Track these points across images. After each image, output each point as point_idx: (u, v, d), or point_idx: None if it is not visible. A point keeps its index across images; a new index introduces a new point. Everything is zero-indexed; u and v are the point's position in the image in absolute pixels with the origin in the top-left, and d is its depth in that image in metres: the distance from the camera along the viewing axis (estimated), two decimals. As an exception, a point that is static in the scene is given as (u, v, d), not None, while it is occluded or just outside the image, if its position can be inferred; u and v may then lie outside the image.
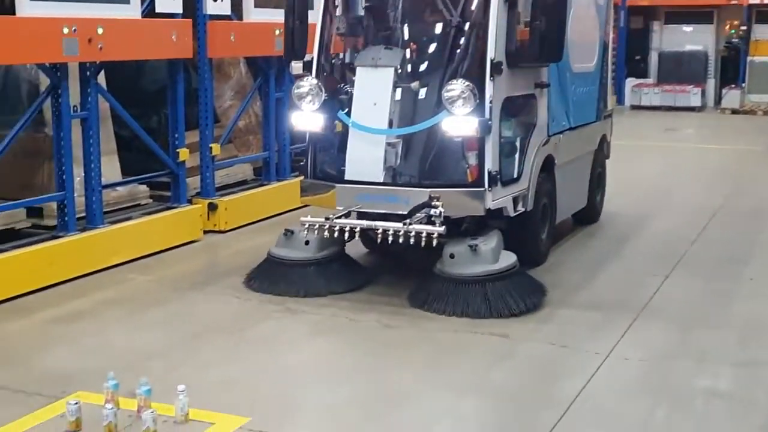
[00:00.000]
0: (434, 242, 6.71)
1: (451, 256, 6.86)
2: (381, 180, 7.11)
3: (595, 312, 7.02)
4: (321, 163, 7.61)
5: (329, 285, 7.29)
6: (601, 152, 9.98)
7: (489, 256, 6.88)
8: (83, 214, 8.16)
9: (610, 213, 10.22)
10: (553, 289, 7.36)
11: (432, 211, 6.83)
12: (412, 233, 6.74)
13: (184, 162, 9.20)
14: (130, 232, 8.45)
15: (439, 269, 6.92)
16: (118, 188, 8.95)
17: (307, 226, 7.12)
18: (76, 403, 4.92)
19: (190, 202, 9.40)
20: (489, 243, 6.98)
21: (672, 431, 5.05)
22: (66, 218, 7.89)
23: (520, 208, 7.46)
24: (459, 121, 6.90)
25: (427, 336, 6.42)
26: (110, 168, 8.77)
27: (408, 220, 6.81)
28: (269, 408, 5.22)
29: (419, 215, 6.88)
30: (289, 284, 7.24)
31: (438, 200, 6.84)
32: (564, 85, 8.50)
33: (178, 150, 9.14)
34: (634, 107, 23.04)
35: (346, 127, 7.30)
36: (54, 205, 8.02)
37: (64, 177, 7.85)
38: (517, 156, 7.58)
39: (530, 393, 5.54)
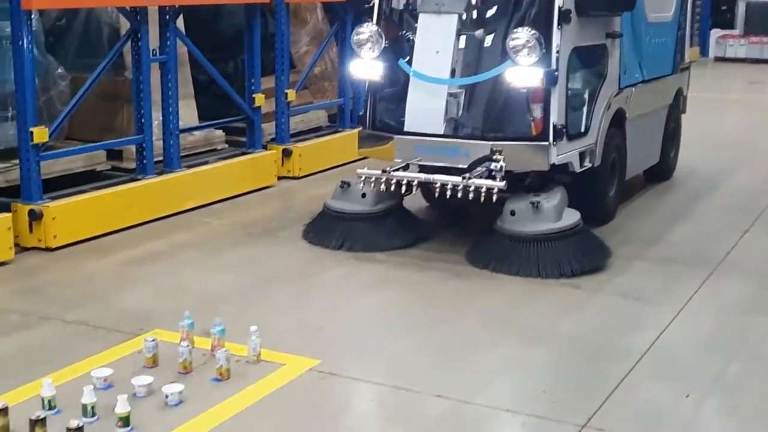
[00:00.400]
0: (494, 198, 6.50)
1: (512, 212, 6.65)
2: (441, 132, 6.89)
3: (670, 265, 6.94)
4: (380, 114, 7.40)
5: (384, 240, 7.13)
6: (677, 107, 9.58)
7: (551, 213, 6.66)
8: (161, 158, 8.31)
9: (686, 169, 9.95)
10: (624, 243, 7.28)
11: (492, 165, 6.62)
12: (472, 188, 6.52)
13: (259, 107, 9.27)
14: (206, 177, 8.58)
15: (499, 226, 6.73)
16: (195, 133, 9.08)
17: (363, 178, 6.93)
18: (153, 340, 5.05)
19: (265, 147, 9.50)
20: (552, 200, 6.75)
21: (744, 387, 4.98)
22: (144, 161, 8.05)
23: (587, 164, 7.22)
24: (523, 72, 6.65)
25: (496, 286, 6.42)
26: (187, 112, 8.89)
27: (468, 174, 6.60)
28: (339, 351, 5.29)
29: (479, 169, 6.67)
30: (343, 238, 7.11)
31: (500, 154, 6.64)
32: (638, 35, 8.18)
33: (254, 95, 9.21)
34: (718, 59, 22.46)
35: (406, 77, 7.07)
36: (133, 148, 8.18)
37: (142, 120, 7.99)
38: (585, 109, 7.29)
39: (600, 344, 5.51)
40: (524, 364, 5.23)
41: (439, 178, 6.68)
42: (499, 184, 6.49)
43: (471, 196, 6.53)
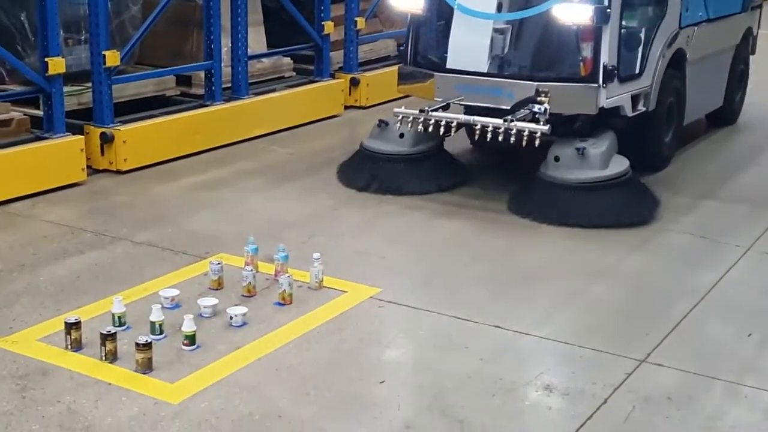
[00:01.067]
0: (536, 142, 6.19)
1: (556, 158, 6.36)
2: (485, 70, 6.55)
3: (739, 205, 6.84)
4: (422, 49, 7.04)
5: (421, 183, 6.83)
6: (745, 47, 9.03)
7: (597, 160, 6.33)
8: (229, 85, 8.36)
9: (752, 115, 9.47)
10: (689, 184, 7.17)
11: (536, 108, 6.28)
12: (513, 131, 6.20)
13: (328, 35, 9.25)
14: (273, 105, 8.63)
15: (543, 172, 6.42)
16: (263, 60, 9.11)
17: (400, 117, 6.63)
18: (219, 264, 5.16)
19: (332, 76, 9.49)
20: (599, 146, 6.42)
21: (808, 330, 4.92)
22: (213, 88, 8.12)
23: (641, 108, 6.85)
24: (572, 8, 6.27)
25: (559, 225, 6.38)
26: (256, 39, 8.91)
27: (510, 116, 6.26)
28: (400, 280, 5.34)
29: (523, 111, 6.34)
30: (378, 180, 6.84)
31: (545, 96, 6.30)
32: None
33: (323, 23, 9.18)
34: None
35: (450, 10, 6.72)
36: (202, 74, 8.25)
37: (212, 47, 8.04)
38: (640, 49, 6.90)
39: (664, 281, 5.48)
40: (585, 298, 5.23)
41: (480, 119, 6.37)
42: (543, 127, 6.16)
43: (513, 139, 6.23)
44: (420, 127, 6.58)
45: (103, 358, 4.32)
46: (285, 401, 4.06)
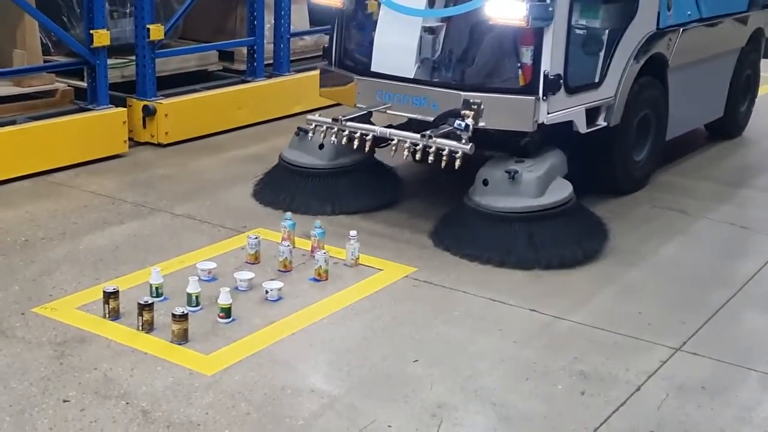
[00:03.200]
0: (457, 163, 5.29)
1: (485, 182, 5.41)
2: (411, 75, 5.66)
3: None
4: (347, 49, 6.19)
5: (333, 203, 5.91)
6: (754, 50, 7.93)
7: (531, 186, 5.33)
8: (271, 61, 8.39)
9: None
10: (724, 174, 7.05)
11: (456, 123, 5.35)
12: (432, 148, 5.34)
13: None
14: (314, 82, 8.55)
15: (469, 197, 5.48)
16: (306, 37, 9.11)
17: (313, 126, 5.88)
18: (256, 238, 5.19)
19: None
20: (536, 169, 5.43)
21: None
22: (254, 64, 8.15)
23: (601, 123, 5.91)
24: (505, 5, 5.25)
25: (601, 206, 6.32)
26: (298, 16, 8.91)
27: (429, 132, 5.38)
28: (436, 261, 5.34)
29: (446, 126, 5.44)
30: (290, 197, 5.94)
31: (476, 108, 5.34)
32: None
33: (365, 3, 9.14)
34: None
35: (378, 5, 5.89)
36: (244, 50, 8.28)
37: (255, 23, 8.06)
38: (600, 55, 5.93)
39: (702, 270, 5.44)
40: (622, 285, 5.20)
41: (397, 133, 5.55)
42: (464, 147, 5.25)
43: (431, 159, 5.36)
44: (333, 138, 5.76)
45: (140, 327, 4.37)
46: (317, 377, 4.09)
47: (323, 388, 3.98)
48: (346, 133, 5.68)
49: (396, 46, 5.71)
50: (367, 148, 5.70)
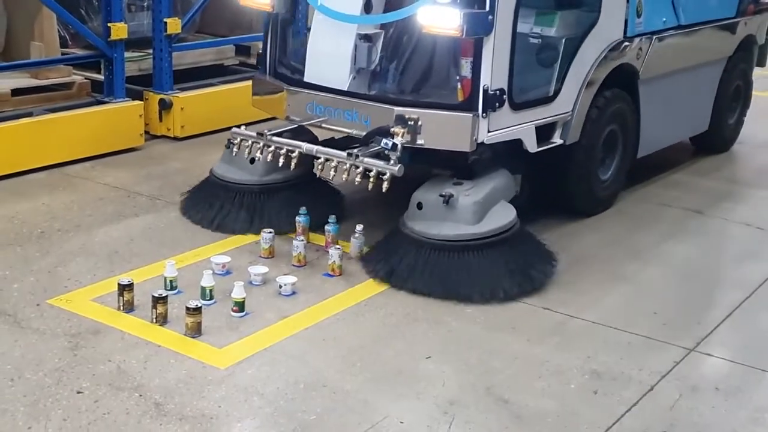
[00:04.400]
0: (385, 185, 4.86)
1: (419, 205, 4.95)
2: (345, 87, 5.22)
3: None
4: (281, 56, 5.69)
5: (264, 222, 5.38)
6: (745, 60, 7.41)
7: (467, 212, 4.86)
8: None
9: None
10: (743, 175, 7.01)
11: (384, 143, 4.90)
12: (360, 168, 4.92)
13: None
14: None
15: (403, 222, 5.01)
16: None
17: (238, 140, 5.41)
18: (271, 233, 5.19)
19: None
20: (475, 192, 4.94)
21: None
22: (271, 58, 8.13)
23: (556, 141, 5.45)
24: (438, 12, 4.75)
25: (614, 206, 6.31)
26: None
27: (357, 150, 4.97)
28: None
29: (376, 145, 5.00)
30: (218, 215, 5.49)
31: (410, 123, 4.90)
32: None
33: None
34: None
35: (312, 9, 5.47)
36: (260, 44, 8.27)
37: (271, 18, 8.05)
38: (556, 66, 5.45)
39: (718, 271, 5.42)
40: (637, 284, 5.18)
41: (324, 151, 5.09)
42: (392, 168, 4.81)
43: (358, 180, 4.93)
44: (258, 154, 5.30)
45: (154, 320, 4.39)
46: (330, 371, 4.09)
47: (336, 383, 3.99)
48: (272, 148, 5.25)
49: (330, 54, 5.27)
50: (292, 166, 5.22)
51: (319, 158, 5.08)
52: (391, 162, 4.85)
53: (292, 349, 4.25)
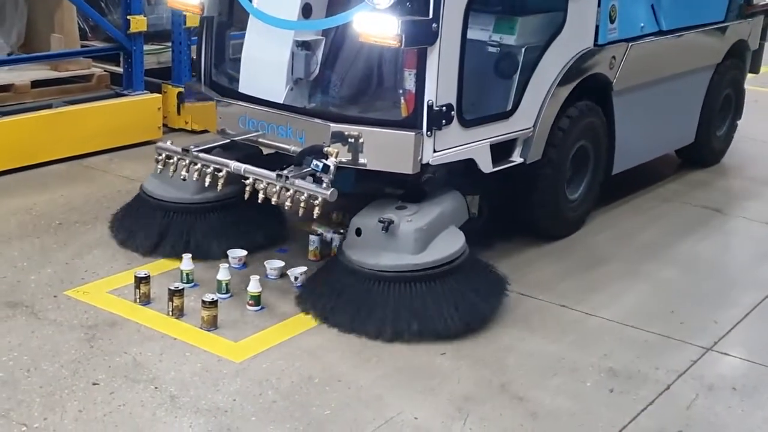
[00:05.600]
0: (316, 211, 4.40)
1: (358, 232, 4.50)
2: (281, 99, 4.76)
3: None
4: (216, 63, 5.18)
5: (196, 244, 4.92)
6: (735, 66, 6.90)
7: (408, 240, 4.37)
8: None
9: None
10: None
11: (314, 164, 4.44)
12: (290, 192, 4.44)
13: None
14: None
15: (341, 250, 4.58)
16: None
17: (162, 156, 4.96)
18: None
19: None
20: (418, 218, 4.46)
21: None
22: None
23: (516, 159, 4.97)
24: (375, 20, 4.23)
25: (634, 204, 6.27)
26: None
27: (286, 171, 4.49)
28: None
29: (307, 166, 4.52)
30: (146, 236, 5.01)
31: (350, 141, 4.44)
32: None
33: None
34: None
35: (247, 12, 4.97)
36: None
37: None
38: (515, 77, 4.97)
39: (737, 270, 5.39)
40: (655, 282, 5.15)
41: (253, 170, 4.60)
42: (324, 192, 4.34)
43: (288, 203, 4.47)
44: (183, 173, 4.83)
45: (170, 313, 4.40)
46: (345, 366, 4.09)
47: (351, 378, 3.98)
48: (198, 166, 4.80)
49: (265, 63, 4.81)
50: (219, 186, 4.75)
51: (247, 178, 4.59)
52: (324, 185, 4.38)
53: (307, 343, 4.25)
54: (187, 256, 4.74)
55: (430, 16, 4.28)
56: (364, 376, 4.01)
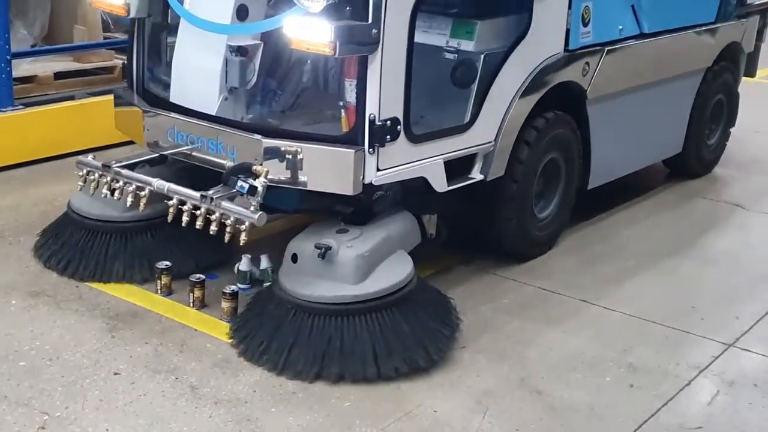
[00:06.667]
0: (242, 237, 4.01)
1: (294, 258, 4.09)
2: (214, 111, 4.32)
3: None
4: (148, 70, 4.74)
5: (130, 266, 4.58)
6: (727, 70, 6.46)
7: (347, 269, 3.95)
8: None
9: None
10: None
11: (239, 185, 4.01)
12: (216, 215, 4.05)
13: None
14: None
15: (277, 279, 4.16)
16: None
17: (84, 172, 4.55)
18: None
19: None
20: (360, 243, 4.05)
21: None
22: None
23: (476, 176, 4.56)
24: (307, 24, 3.81)
25: (654, 199, 6.23)
26: None
27: (212, 191, 4.09)
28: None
29: (233, 186, 4.08)
30: (76, 258, 4.62)
31: (288, 158, 4.01)
32: None
33: None
34: None
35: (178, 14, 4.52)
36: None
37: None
38: (473, 86, 4.54)
39: (759, 265, 5.35)
40: (676, 278, 5.13)
41: (177, 190, 4.19)
42: (251, 216, 3.96)
43: (213, 228, 4.07)
44: (105, 191, 4.43)
45: (191, 304, 4.42)
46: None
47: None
48: (120, 184, 4.39)
49: (197, 70, 4.37)
50: (141, 207, 4.34)
51: (171, 199, 4.19)
52: (251, 208, 3.99)
53: (327, 335, 4.25)
54: (246, 257, 4.54)
55: (370, 20, 3.84)
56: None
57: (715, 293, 4.98)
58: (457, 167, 4.46)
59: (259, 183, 3.99)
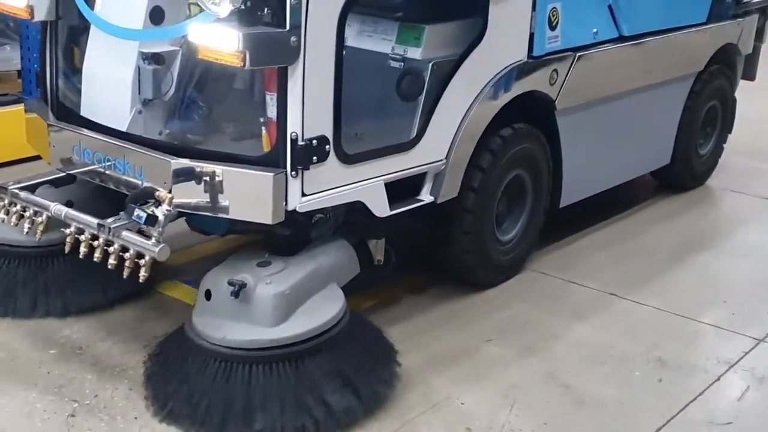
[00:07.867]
0: (142, 273, 3.54)
1: (207, 295, 3.59)
2: (125, 127, 3.81)
3: None
4: (59, 81, 4.20)
5: (46, 298, 4.14)
6: (721, 74, 5.95)
7: (264, 309, 3.46)
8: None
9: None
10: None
11: (137, 213, 3.51)
12: (114, 247, 3.60)
13: None
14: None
15: (188, 318, 3.62)
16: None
17: None
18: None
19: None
20: (282, 279, 3.55)
21: None
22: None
23: (425, 198, 4.09)
24: (213, 32, 3.33)
25: (675, 197, 6.19)
26: None
27: (111, 219, 3.60)
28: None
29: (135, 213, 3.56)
30: None
31: (205, 180, 3.51)
32: None
33: None
34: None
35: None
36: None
37: None
38: (421, 99, 4.04)
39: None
40: (706, 272, 5.10)
41: (75, 216, 3.73)
42: (151, 249, 3.49)
43: (112, 262, 3.62)
44: (2, 215, 4.02)
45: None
46: (392, 351, 4.09)
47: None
48: (17, 208, 3.96)
49: (107, 80, 3.88)
50: (38, 235, 3.94)
51: (69, 226, 3.73)
52: (152, 240, 3.52)
53: (354, 327, 4.25)
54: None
55: (287, 27, 3.32)
56: (412, 360, 4.00)
57: (746, 288, 4.93)
58: (407, 187, 4.02)
59: (161, 212, 3.50)
